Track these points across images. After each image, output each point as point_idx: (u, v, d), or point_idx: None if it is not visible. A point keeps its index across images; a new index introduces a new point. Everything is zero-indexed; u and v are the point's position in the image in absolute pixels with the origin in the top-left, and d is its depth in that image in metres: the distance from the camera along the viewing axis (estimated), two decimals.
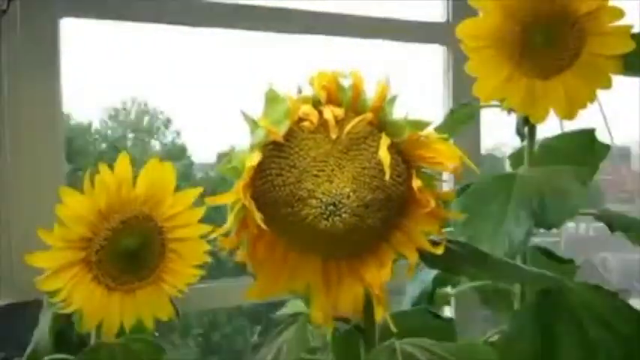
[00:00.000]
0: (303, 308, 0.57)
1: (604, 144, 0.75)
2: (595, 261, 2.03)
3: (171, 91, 1.13)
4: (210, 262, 0.62)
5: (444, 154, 0.42)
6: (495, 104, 0.70)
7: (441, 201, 0.44)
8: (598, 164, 0.75)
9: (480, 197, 0.68)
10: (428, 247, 0.43)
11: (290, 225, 0.41)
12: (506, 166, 0.81)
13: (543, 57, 0.65)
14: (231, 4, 0.84)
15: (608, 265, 2.04)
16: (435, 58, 1.06)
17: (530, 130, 0.72)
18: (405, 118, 0.42)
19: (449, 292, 0.77)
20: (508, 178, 0.69)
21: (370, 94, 0.42)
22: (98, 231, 0.58)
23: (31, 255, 0.57)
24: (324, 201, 0.40)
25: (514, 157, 0.77)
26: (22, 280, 0.69)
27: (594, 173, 0.75)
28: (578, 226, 1.98)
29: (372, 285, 0.44)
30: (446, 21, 1.02)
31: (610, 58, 0.63)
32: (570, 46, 0.64)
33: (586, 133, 0.75)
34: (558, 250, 0.77)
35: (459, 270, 0.48)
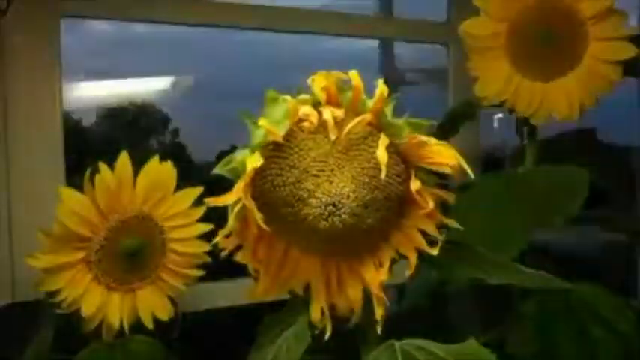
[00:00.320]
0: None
1: (604, 144, 0.75)
2: None
3: (170, 90, 1.13)
4: (210, 262, 0.62)
5: (443, 154, 0.42)
6: (495, 104, 0.70)
7: (440, 202, 0.44)
8: (599, 166, 0.75)
9: (480, 197, 0.68)
10: (425, 247, 0.43)
11: (290, 225, 0.41)
12: (506, 167, 0.81)
13: (545, 59, 0.65)
14: (231, 4, 0.84)
15: None
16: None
17: (530, 129, 0.72)
18: (404, 119, 0.42)
19: (448, 291, 0.77)
20: (508, 178, 0.69)
21: (370, 96, 0.42)
22: (98, 231, 0.59)
23: (31, 256, 0.57)
24: (323, 201, 0.40)
25: (514, 156, 0.77)
26: (22, 280, 0.69)
27: (594, 173, 0.75)
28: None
29: (371, 284, 0.44)
30: (446, 20, 1.02)
31: (611, 64, 0.63)
32: (572, 49, 0.64)
33: (586, 133, 0.75)
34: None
35: (457, 270, 0.48)
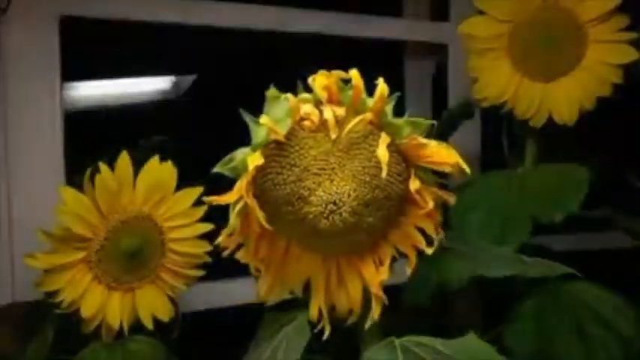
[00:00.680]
0: None
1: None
2: None
3: (171, 90, 1.13)
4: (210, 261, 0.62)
5: (443, 153, 0.42)
6: (495, 105, 0.70)
7: (440, 202, 0.44)
8: (599, 166, 0.75)
9: (480, 195, 0.68)
10: (423, 246, 0.44)
11: (290, 223, 0.42)
12: (506, 166, 0.81)
13: (546, 60, 0.65)
14: (229, 3, 0.84)
15: None
16: None
17: (530, 129, 0.72)
18: (404, 118, 0.42)
19: (449, 291, 0.77)
20: (508, 177, 0.69)
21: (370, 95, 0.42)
22: (98, 231, 0.59)
23: (30, 257, 0.57)
24: (324, 199, 0.40)
25: (514, 156, 0.77)
26: (22, 280, 0.69)
27: (595, 174, 0.75)
28: None
29: (371, 283, 0.44)
30: (446, 20, 1.02)
31: (611, 66, 0.63)
32: (573, 51, 0.64)
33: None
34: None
35: (457, 266, 0.49)
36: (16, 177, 0.70)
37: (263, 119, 0.39)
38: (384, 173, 0.39)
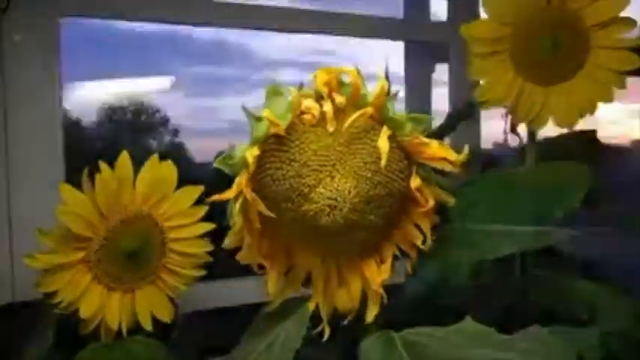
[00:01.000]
0: None
1: (605, 144, 0.75)
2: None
3: (169, 90, 1.13)
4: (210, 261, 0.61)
5: (444, 152, 0.42)
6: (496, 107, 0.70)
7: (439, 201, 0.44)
8: (600, 166, 0.75)
9: (480, 195, 0.68)
10: (419, 244, 0.44)
11: (290, 221, 0.41)
12: (506, 166, 0.81)
13: (548, 65, 0.64)
14: (232, 3, 0.84)
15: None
16: None
17: (530, 130, 0.72)
18: (406, 113, 0.42)
19: (446, 289, 0.77)
20: (508, 176, 0.69)
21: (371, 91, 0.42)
22: (98, 231, 0.58)
23: (30, 257, 0.56)
24: (325, 196, 0.40)
25: (515, 156, 0.77)
26: (22, 280, 0.68)
27: (596, 175, 0.74)
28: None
29: (372, 282, 0.44)
30: (446, 20, 1.02)
31: (614, 72, 0.62)
32: (576, 56, 0.63)
33: (587, 134, 0.75)
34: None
35: (457, 255, 0.49)
36: (16, 176, 0.70)
37: (264, 113, 0.39)
38: (384, 162, 0.39)
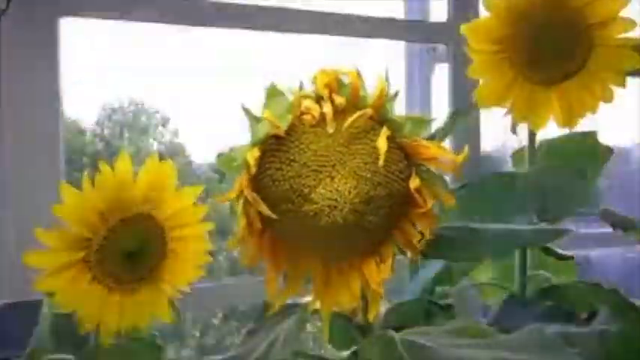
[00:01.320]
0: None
1: (607, 146, 0.75)
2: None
3: (169, 90, 1.13)
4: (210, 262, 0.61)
5: (444, 152, 0.42)
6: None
7: (439, 202, 0.44)
8: (600, 166, 0.74)
9: (481, 195, 0.68)
10: (416, 244, 0.44)
11: (290, 222, 0.41)
12: (506, 166, 0.81)
13: (549, 64, 0.64)
14: (232, 4, 0.84)
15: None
16: None
17: (530, 131, 0.72)
18: (406, 115, 0.42)
19: (449, 290, 0.77)
20: (509, 177, 0.69)
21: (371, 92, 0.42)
22: (97, 230, 0.58)
23: (28, 254, 0.56)
24: (325, 197, 0.40)
25: (515, 157, 0.77)
26: (22, 280, 0.68)
27: (596, 175, 0.74)
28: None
29: (373, 282, 0.44)
30: (446, 20, 1.02)
31: (615, 72, 0.62)
32: (577, 55, 0.63)
33: (588, 135, 0.75)
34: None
35: (457, 255, 0.49)
36: (16, 177, 0.70)
37: (264, 114, 0.39)
38: (381, 161, 0.39)
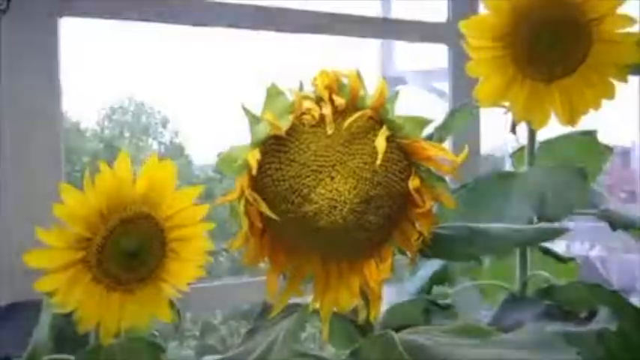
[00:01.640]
0: None
1: (606, 146, 0.75)
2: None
3: (169, 90, 1.13)
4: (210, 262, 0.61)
5: (443, 152, 0.42)
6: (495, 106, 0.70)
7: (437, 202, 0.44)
8: (600, 166, 0.74)
9: (480, 195, 0.68)
10: (415, 244, 0.44)
11: (290, 222, 0.41)
12: (506, 166, 0.81)
13: (549, 61, 0.63)
14: (232, 4, 0.84)
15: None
16: None
17: (530, 130, 0.72)
18: (405, 115, 0.42)
19: (447, 290, 0.77)
20: (508, 177, 0.69)
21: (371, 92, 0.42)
22: (97, 231, 0.58)
23: (28, 253, 0.56)
24: (324, 197, 0.40)
25: (515, 157, 0.77)
26: (22, 280, 0.68)
27: (596, 175, 0.74)
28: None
29: (372, 282, 0.44)
30: (446, 20, 1.02)
31: (615, 66, 0.62)
32: (577, 51, 0.63)
33: (588, 135, 0.75)
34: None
35: (457, 255, 0.49)
36: (16, 176, 0.70)
37: (265, 114, 0.39)
38: (379, 160, 0.39)
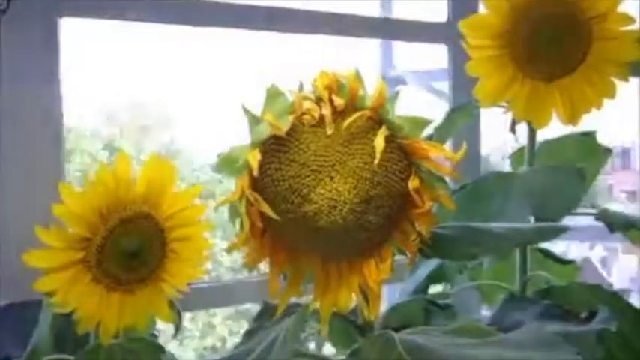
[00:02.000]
0: None
1: (605, 147, 0.75)
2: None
3: (169, 90, 1.13)
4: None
5: (443, 152, 0.42)
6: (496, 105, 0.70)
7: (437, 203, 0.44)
8: (599, 168, 0.74)
9: (480, 195, 0.68)
10: (414, 244, 0.44)
11: (290, 222, 0.41)
12: (506, 167, 0.81)
13: (549, 59, 0.63)
14: (232, 4, 0.84)
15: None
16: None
17: (530, 131, 0.71)
18: (405, 115, 0.42)
19: (446, 291, 0.77)
20: (508, 177, 0.69)
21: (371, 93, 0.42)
22: (97, 231, 0.58)
23: (28, 253, 0.56)
24: (324, 197, 0.40)
25: (515, 157, 0.77)
26: (22, 280, 0.68)
27: (595, 176, 0.74)
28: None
29: (372, 282, 0.44)
30: (446, 20, 1.02)
31: (615, 64, 0.62)
32: (577, 50, 0.62)
33: (587, 136, 0.75)
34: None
35: (458, 254, 0.49)
36: (16, 176, 0.70)
37: (264, 115, 0.39)
38: (377, 160, 0.39)
